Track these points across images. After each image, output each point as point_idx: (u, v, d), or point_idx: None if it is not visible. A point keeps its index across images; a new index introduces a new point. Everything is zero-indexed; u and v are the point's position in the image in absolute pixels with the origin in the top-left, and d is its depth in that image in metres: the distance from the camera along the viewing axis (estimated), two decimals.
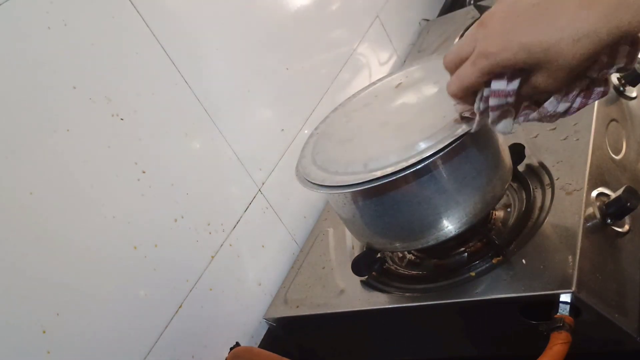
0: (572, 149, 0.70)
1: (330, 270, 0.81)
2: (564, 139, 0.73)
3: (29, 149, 0.61)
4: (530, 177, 0.72)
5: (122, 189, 0.69)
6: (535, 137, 0.77)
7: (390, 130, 0.64)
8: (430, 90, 0.67)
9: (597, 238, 0.60)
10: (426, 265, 0.73)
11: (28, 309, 0.58)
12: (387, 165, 0.58)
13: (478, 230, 0.68)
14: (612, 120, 0.75)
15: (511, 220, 0.69)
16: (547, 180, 0.70)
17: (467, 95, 0.50)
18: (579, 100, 0.47)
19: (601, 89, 0.47)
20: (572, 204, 0.63)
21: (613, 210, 0.62)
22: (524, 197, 0.71)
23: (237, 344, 0.79)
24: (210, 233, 0.79)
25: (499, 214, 0.71)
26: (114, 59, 0.71)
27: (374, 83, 0.79)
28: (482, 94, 0.48)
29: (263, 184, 0.90)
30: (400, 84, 0.73)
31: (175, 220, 0.75)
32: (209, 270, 0.78)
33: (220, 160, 0.84)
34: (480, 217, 0.63)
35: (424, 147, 0.57)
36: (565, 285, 0.55)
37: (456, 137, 0.55)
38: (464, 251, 0.69)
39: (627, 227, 0.63)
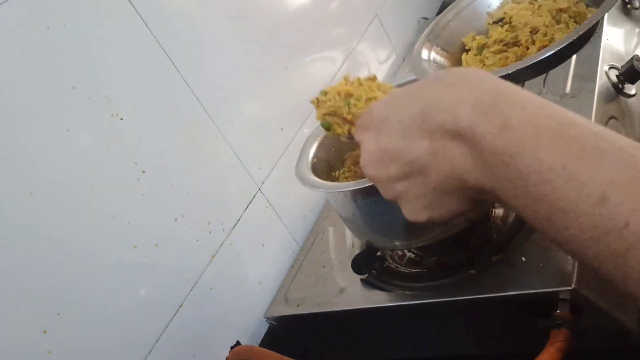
0: None
1: (331, 269, 0.82)
2: None
3: (29, 149, 0.61)
4: None
5: (122, 188, 0.69)
6: None
7: None
8: None
9: None
10: (426, 263, 0.73)
11: (29, 309, 0.58)
12: None
13: (478, 227, 0.68)
14: (611, 117, 0.76)
15: (511, 218, 0.69)
16: None
17: None
18: None
19: None
20: None
21: None
22: None
23: (238, 343, 0.79)
24: (210, 232, 0.79)
25: (499, 211, 0.72)
26: (113, 59, 0.71)
27: None
28: None
29: (263, 183, 0.90)
30: None
31: (176, 219, 0.75)
32: (210, 269, 0.78)
33: (220, 160, 0.84)
34: (480, 214, 0.63)
35: None
36: (565, 282, 0.55)
37: None
38: (464, 249, 0.69)
39: None
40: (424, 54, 0.67)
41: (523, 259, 0.61)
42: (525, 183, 0.32)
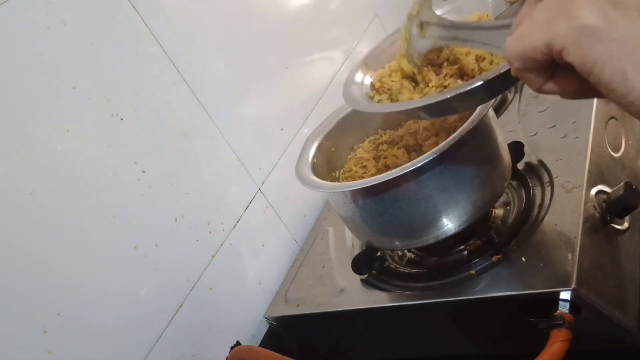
0: (571, 147, 0.70)
1: (331, 269, 0.82)
2: (563, 137, 0.73)
3: (29, 149, 0.61)
4: (529, 175, 0.72)
5: (122, 188, 0.69)
6: (535, 135, 0.77)
7: None
8: None
9: (597, 235, 0.60)
10: (426, 263, 0.73)
11: (29, 309, 0.58)
12: None
13: (478, 228, 0.68)
14: (611, 117, 0.76)
15: (511, 219, 0.70)
16: (546, 178, 0.70)
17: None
18: None
19: None
20: (571, 202, 0.63)
21: (616, 209, 0.62)
22: (524, 195, 0.71)
23: (238, 343, 0.79)
24: (210, 232, 0.79)
25: (499, 212, 0.72)
26: (113, 59, 0.71)
27: None
28: None
29: (263, 183, 0.90)
30: None
31: (176, 219, 0.75)
32: (210, 269, 0.78)
33: (220, 160, 0.84)
34: (480, 215, 0.63)
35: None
36: (565, 282, 0.55)
37: (454, 141, 0.56)
38: (464, 249, 0.69)
39: (626, 224, 0.63)
40: (358, 77, 0.65)
41: (523, 259, 0.61)
42: None
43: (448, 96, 0.49)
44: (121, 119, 0.70)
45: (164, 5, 0.79)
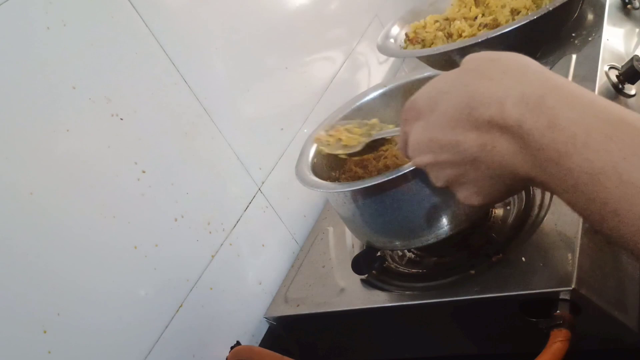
0: None
1: (331, 269, 0.82)
2: None
3: (29, 149, 0.61)
4: None
5: (122, 188, 0.69)
6: None
7: None
8: None
9: (597, 236, 0.60)
10: (426, 263, 0.73)
11: (29, 309, 0.58)
12: None
13: (478, 228, 0.68)
14: None
15: (511, 218, 0.69)
16: None
17: None
18: None
19: None
20: None
21: None
22: (524, 194, 0.71)
23: (238, 343, 0.79)
24: (210, 232, 0.79)
25: (499, 212, 0.72)
26: (113, 58, 0.71)
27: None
28: None
29: (263, 183, 0.90)
30: None
31: (176, 219, 0.75)
32: (209, 269, 0.78)
33: (220, 160, 0.84)
34: (480, 215, 0.63)
35: None
36: (565, 282, 0.55)
37: None
38: (464, 249, 0.69)
39: None
40: (395, 30, 0.68)
41: (523, 259, 0.61)
42: (575, 182, 0.32)
43: (480, 40, 0.52)
44: (121, 119, 0.70)
45: (164, 5, 0.79)
